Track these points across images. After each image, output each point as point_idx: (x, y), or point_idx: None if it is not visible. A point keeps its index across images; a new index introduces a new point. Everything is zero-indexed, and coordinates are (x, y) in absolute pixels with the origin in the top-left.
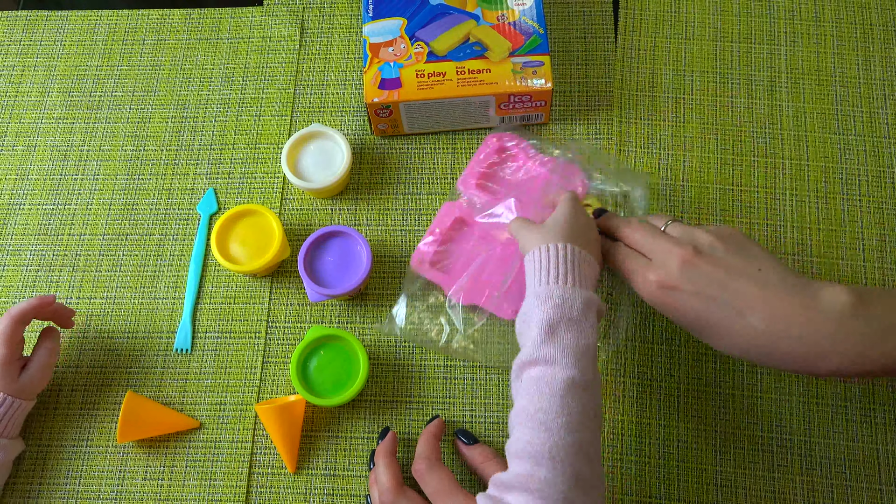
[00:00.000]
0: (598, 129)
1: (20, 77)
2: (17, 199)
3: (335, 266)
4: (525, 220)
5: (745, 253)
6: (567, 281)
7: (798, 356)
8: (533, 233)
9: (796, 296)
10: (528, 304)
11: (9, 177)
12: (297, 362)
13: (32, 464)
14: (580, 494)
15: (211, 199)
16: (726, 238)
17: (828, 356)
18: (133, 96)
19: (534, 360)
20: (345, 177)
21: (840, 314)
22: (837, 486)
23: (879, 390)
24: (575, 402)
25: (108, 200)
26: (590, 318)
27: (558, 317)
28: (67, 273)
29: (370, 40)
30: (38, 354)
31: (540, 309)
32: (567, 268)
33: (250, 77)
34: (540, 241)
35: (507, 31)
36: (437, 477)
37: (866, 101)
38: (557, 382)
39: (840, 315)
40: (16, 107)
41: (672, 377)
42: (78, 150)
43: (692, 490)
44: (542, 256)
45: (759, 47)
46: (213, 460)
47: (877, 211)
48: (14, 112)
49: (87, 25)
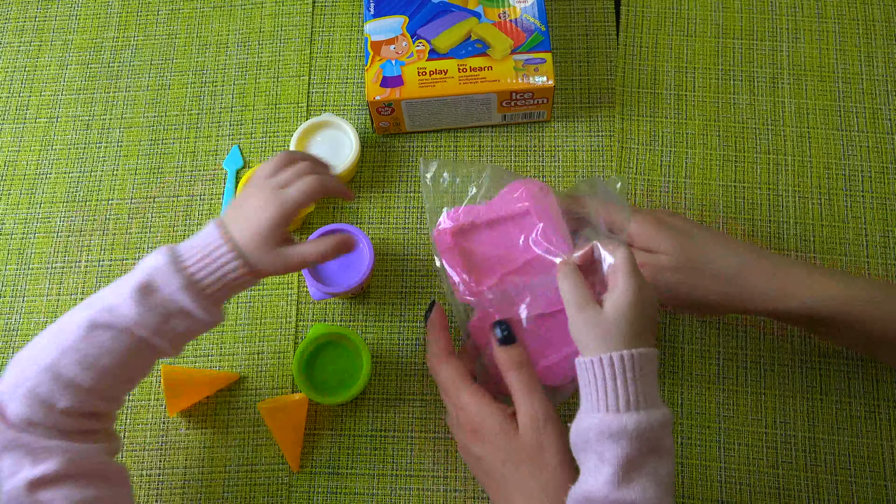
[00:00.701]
0: (599, 126)
1: (38, 52)
2: (43, 168)
3: (337, 264)
4: (580, 283)
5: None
6: (639, 404)
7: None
8: (590, 326)
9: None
10: (591, 429)
11: (34, 148)
12: (300, 360)
13: None
14: None
15: (236, 155)
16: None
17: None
18: (151, 65)
19: (610, 502)
20: (353, 166)
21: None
22: (842, 483)
23: (884, 386)
24: None
25: (133, 166)
26: (667, 442)
27: (635, 452)
28: (98, 237)
29: (372, 38)
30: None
31: (614, 445)
32: (637, 386)
33: (266, 41)
34: (601, 345)
35: (508, 29)
36: (451, 367)
37: (869, 97)
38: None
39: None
40: (35, 80)
41: (675, 374)
42: (100, 119)
43: (696, 487)
44: (607, 373)
45: (762, 44)
46: (254, 409)
47: (880, 207)
48: (34, 86)
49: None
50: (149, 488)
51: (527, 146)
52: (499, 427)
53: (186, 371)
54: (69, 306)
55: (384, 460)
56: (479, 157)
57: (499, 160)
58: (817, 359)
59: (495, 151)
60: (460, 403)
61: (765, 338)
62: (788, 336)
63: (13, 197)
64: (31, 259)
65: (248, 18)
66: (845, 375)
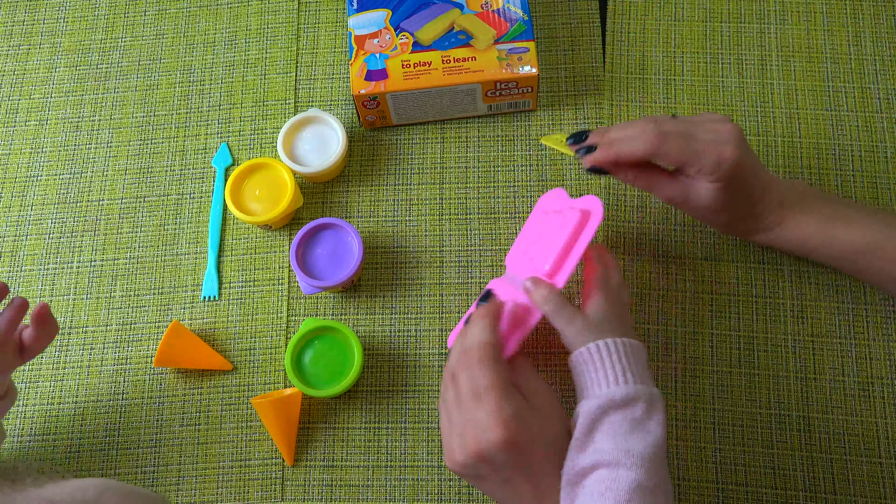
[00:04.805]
0: (586, 113)
1: (26, 55)
2: (33, 171)
3: (327, 258)
4: (559, 296)
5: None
6: (627, 379)
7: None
8: (582, 331)
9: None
10: (588, 408)
11: (23, 151)
12: (292, 355)
13: (70, 420)
14: None
15: (225, 152)
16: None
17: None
18: (139, 65)
19: (595, 463)
20: (341, 160)
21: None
22: (837, 461)
23: (877, 364)
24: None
25: (122, 166)
26: (655, 417)
27: (620, 418)
28: (89, 237)
29: (355, 33)
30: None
31: (601, 412)
32: (631, 364)
33: (252, 39)
34: (586, 336)
35: (491, 19)
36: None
37: (857, 77)
38: (622, 484)
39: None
40: (24, 84)
41: (668, 357)
42: (89, 120)
43: (691, 468)
44: (604, 354)
45: (749, 26)
46: (248, 403)
47: (871, 186)
48: (23, 89)
49: (88, 2)
50: (143, 486)
51: (513, 136)
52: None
53: (192, 336)
54: (62, 307)
55: (378, 452)
56: (466, 148)
57: (486, 151)
58: (810, 338)
59: (482, 142)
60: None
61: (757, 318)
62: (781, 316)
63: (4, 199)
64: (23, 261)
65: (234, 17)
66: (838, 354)
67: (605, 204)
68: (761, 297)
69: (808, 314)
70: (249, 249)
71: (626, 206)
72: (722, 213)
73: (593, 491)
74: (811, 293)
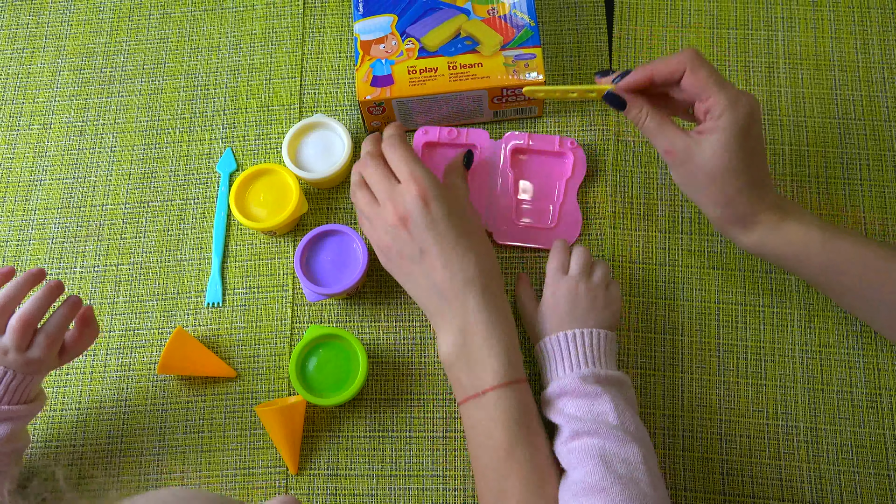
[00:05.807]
0: (592, 119)
1: (30, 59)
2: (37, 175)
3: (332, 265)
4: (529, 288)
5: None
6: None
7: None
8: (554, 317)
9: None
10: (559, 390)
11: (27, 155)
12: (297, 362)
13: (72, 426)
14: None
15: (229, 158)
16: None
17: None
18: (143, 70)
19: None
20: (345, 167)
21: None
22: (845, 473)
23: (885, 375)
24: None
25: (126, 171)
26: (626, 393)
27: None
28: (93, 242)
29: (361, 38)
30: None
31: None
32: (595, 354)
33: (257, 43)
34: (555, 329)
35: (498, 25)
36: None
37: (865, 85)
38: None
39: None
40: (28, 87)
41: (675, 367)
42: (93, 124)
43: (698, 479)
44: (562, 344)
45: (756, 33)
46: (251, 411)
47: (879, 195)
48: (27, 93)
49: (92, 5)
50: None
51: None
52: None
53: (195, 343)
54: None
55: (383, 461)
56: None
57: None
58: (818, 348)
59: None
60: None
61: (765, 328)
62: (788, 326)
63: (8, 204)
64: (26, 266)
65: (239, 21)
66: (846, 365)
67: (612, 213)
68: (769, 307)
69: (815, 324)
70: (254, 256)
71: (633, 216)
72: (720, 182)
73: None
74: (819, 303)
